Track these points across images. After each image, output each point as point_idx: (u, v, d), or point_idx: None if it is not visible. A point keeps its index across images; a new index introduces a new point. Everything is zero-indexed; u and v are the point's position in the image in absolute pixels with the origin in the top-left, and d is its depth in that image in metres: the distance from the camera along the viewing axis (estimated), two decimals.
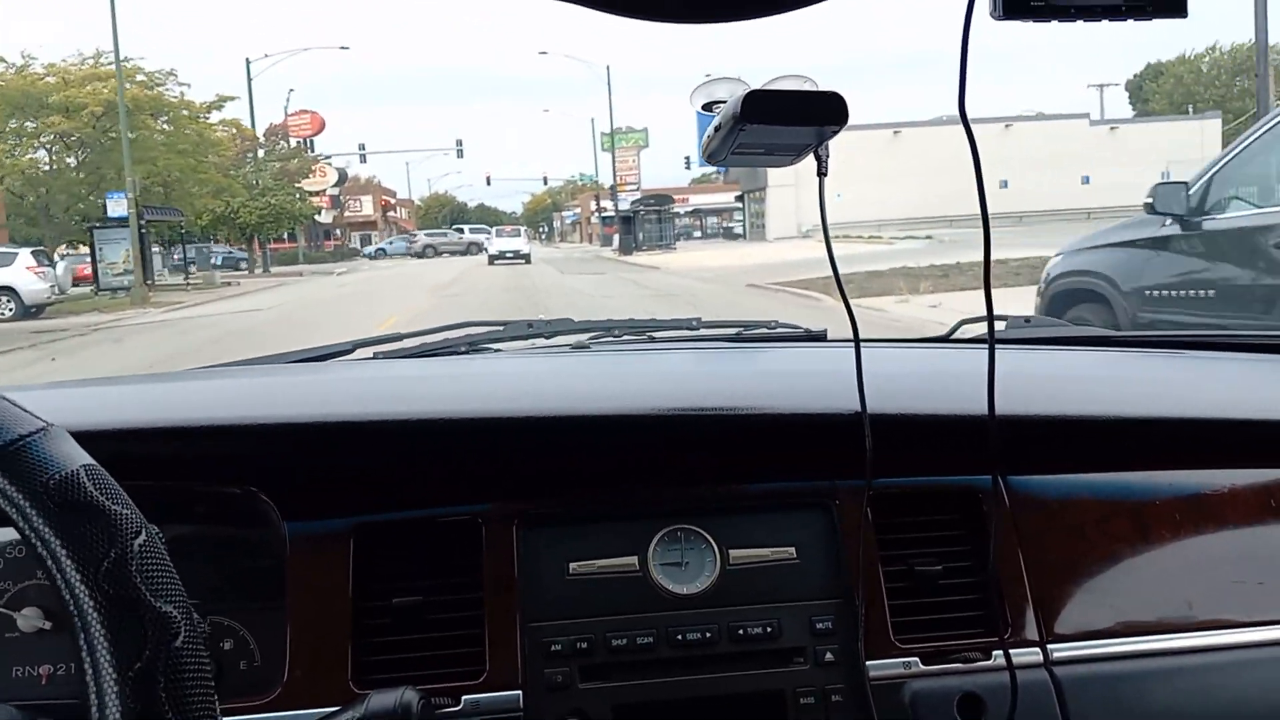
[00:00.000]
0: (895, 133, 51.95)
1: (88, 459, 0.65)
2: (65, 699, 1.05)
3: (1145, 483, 1.17)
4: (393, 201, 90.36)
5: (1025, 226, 40.44)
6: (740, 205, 64.52)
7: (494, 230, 51.90)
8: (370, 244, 76.34)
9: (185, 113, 31.33)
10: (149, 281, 25.65)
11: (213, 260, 40.40)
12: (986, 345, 0.95)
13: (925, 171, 58.16)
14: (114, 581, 0.64)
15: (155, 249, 31.01)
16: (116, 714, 0.62)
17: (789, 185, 54.06)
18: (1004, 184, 52.52)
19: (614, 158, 62.80)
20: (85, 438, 0.68)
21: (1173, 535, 1.13)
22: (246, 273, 43.31)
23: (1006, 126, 52.05)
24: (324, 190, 68.03)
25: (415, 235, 66.10)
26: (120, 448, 0.99)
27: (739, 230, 59.65)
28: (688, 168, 68.88)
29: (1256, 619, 1.09)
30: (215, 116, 33.69)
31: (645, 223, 44.55)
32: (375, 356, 1.60)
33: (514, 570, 1.04)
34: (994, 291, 0.87)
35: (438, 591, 1.04)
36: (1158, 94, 64.44)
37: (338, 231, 69.39)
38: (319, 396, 1.29)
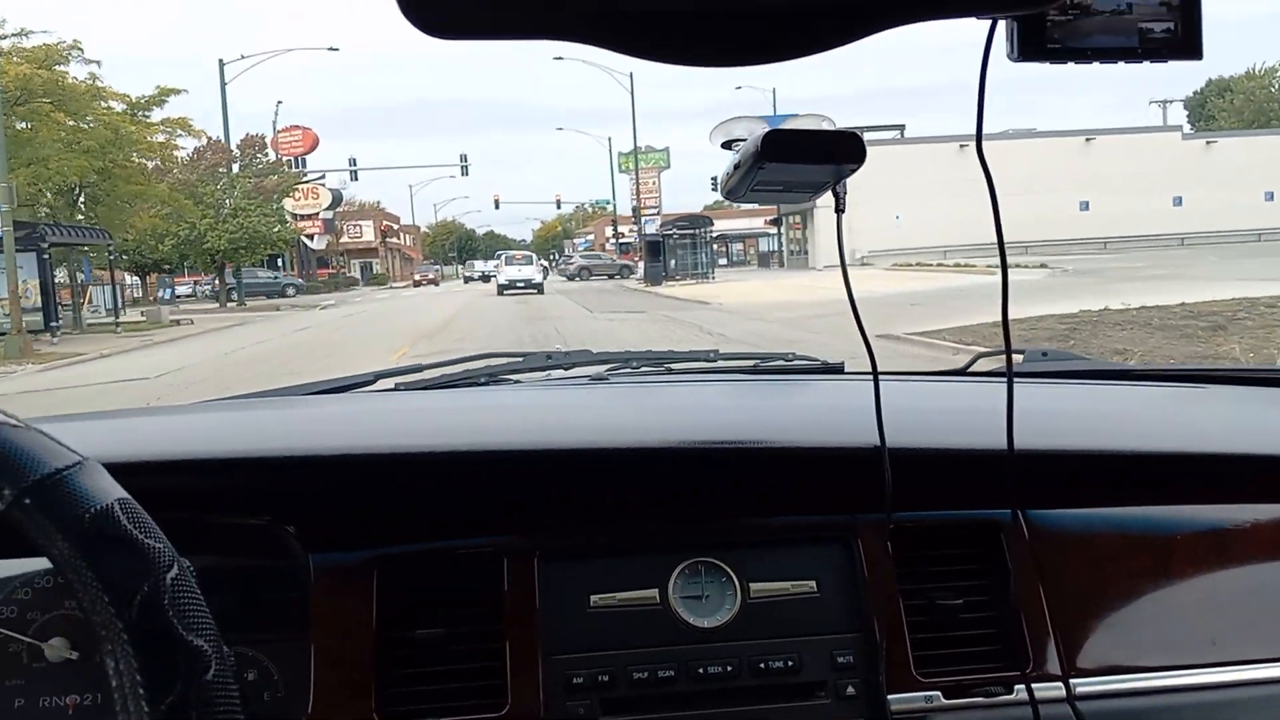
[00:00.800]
0: (962, 147, 43.36)
1: (122, 492, 0.69)
2: None
3: (1166, 517, 1.20)
4: (395, 227, 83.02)
5: (1112, 253, 31.87)
6: (774, 230, 56.04)
7: (502, 256, 48.42)
8: (371, 271, 74.23)
9: (104, 104, 22.85)
10: (53, 324, 21.96)
11: (162, 293, 32.43)
12: (1005, 378, 0.99)
13: (1000, 189, 47.55)
14: (147, 615, 0.66)
15: (102, 279, 28.51)
16: None
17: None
18: (1084, 206, 43.79)
19: (636, 173, 55.65)
20: (111, 470, 0.72)
21: (1194, 570, 1.16)
22: (217, 305, 39.32)
23: (1087, 140, 43.39)
24: (316, 213, 59.46)
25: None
26: (144, 480, 1.01)
27: (771, 256, 55.25)
28: (714, 189, 60.87)
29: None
30: (160, 116, 29.96)
31: (677, 248, 41.43)
32: (396, 388, 1.63)
33: (535, 602, 1.09)
34: None
35: (460, 623, 1.08)
36: (1225, 111, 62.40)
37: (333, 259, 61.74)
38: (342, 429, 1.33)
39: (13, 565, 1.13)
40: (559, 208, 67.59)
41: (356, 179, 59.64)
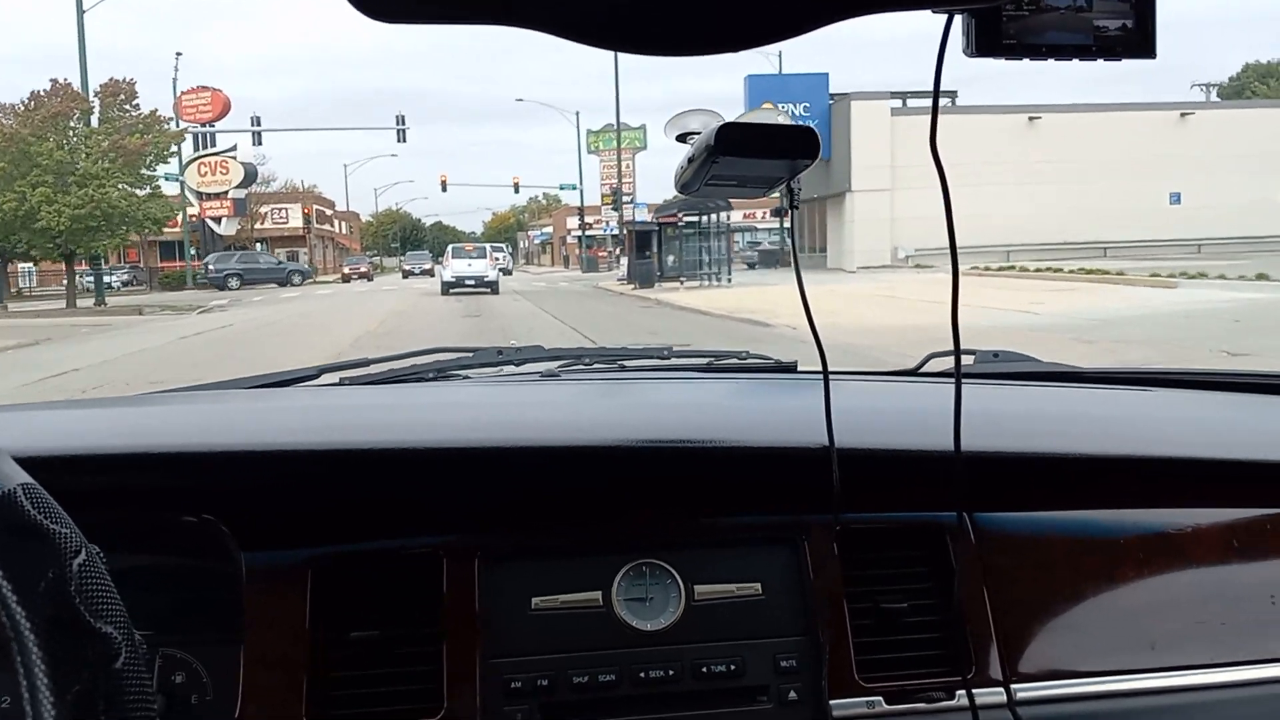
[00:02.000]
0: (1031, 119, 31.66)
1: (25, 477, 0.69)
2: None
3: (1111, 521, 1.26)
4: (329, 213, 70.92)
5: (1215, 256, 21.60)
6: (775, 223, 44.65)
7: (449, 249, 39.76)
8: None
9: None
10: None
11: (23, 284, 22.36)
12: (954, 379, 1.04)
13: (1073, 174, 35.13)
14: (52, 602, 0.66)
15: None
16: None
17: (883, 189, 32.13)
18: (1175, 198, 31.70)
19: (619, 142, 44.59)
20: (35, 464, 0.72)
21: (1138, 574, 1.23)
22: (65, 306, 30.35)
23: (1183, 116, 32.01)
24: (225, 192, 46.40)
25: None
26: (72, 475, 1.10)
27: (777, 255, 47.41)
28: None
29: (1221, 660, 1.19)
30: None
31: (676, 240, 33.65)
32: (341, 382, 1.67)
33: (475, 604, 1.15)
34: None
35: (397, 625, 1.14)
36: (1268, 96, 57.90)
37: (246, 247, 50.75)
38: (280, 424, 1.38)
39: None
40: (516, 192, 57.43)
41: (260, 142, 48.38)
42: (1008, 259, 33.11)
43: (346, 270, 60.17)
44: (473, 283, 33.21)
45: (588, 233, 64.11)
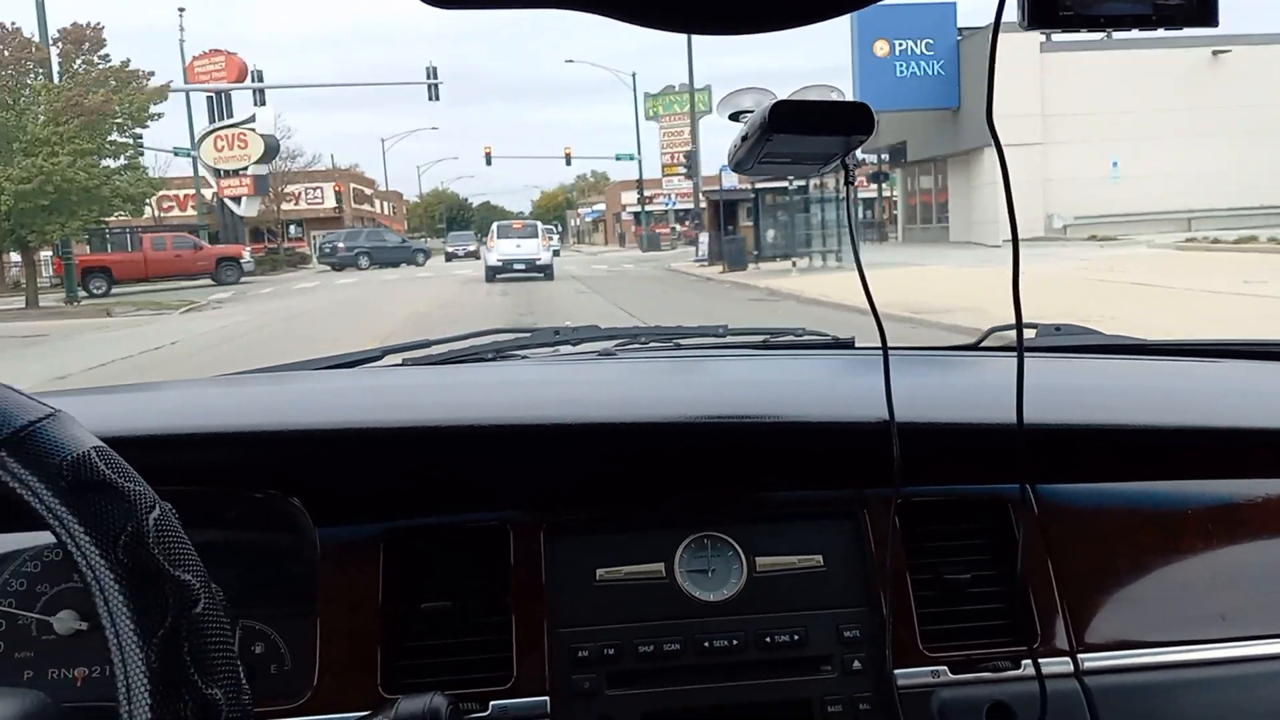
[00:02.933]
0: (1216, 54, 21.69)
1: (96, 440, 0.77)
2: (100, 700, 1.17)
3: (1176, 492, 1.31)
4: (368, 193, 64.21)
5: None
6: (873, 190, 36.89)
7: (494, 227, 33.23)
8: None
9: None
10: None
11: None
12: (1016, 353, 1.10)
13: (1272, 122, 24.71)
14: (132, 554, 0.72)
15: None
16: (143, 679, 0.70)
17: (1031, 144, 21.41)
18: None
19: (693, 101, 37.05)
20: (118, 444, 0.80)
21: (1204, 545, 1.27)
22: (25, 305, 25.01)
23: None
24: (245, 168, 48.71)
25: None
26: (153, 454, 1.13)
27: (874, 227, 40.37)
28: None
29: None
30: None
31: (776, 211, 26.50)
32: (404, 363, 1.77)
33: (542, 577, 1.24)
34: None
35: (466, 597, 1.23)
36: None
37: (270, 230, 43.84)
38: (350, 403, 1.48)
39: (22, 539, 1.25)
40: (568, 164, 50.91)
41: (263, 103, 41.64)
42: (1189, 227, 25.85)
43: None
44: (523, 267, 29.87)
45: (647, 208, 57.35)
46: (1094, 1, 0.84)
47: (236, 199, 50.48)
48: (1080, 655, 1.19)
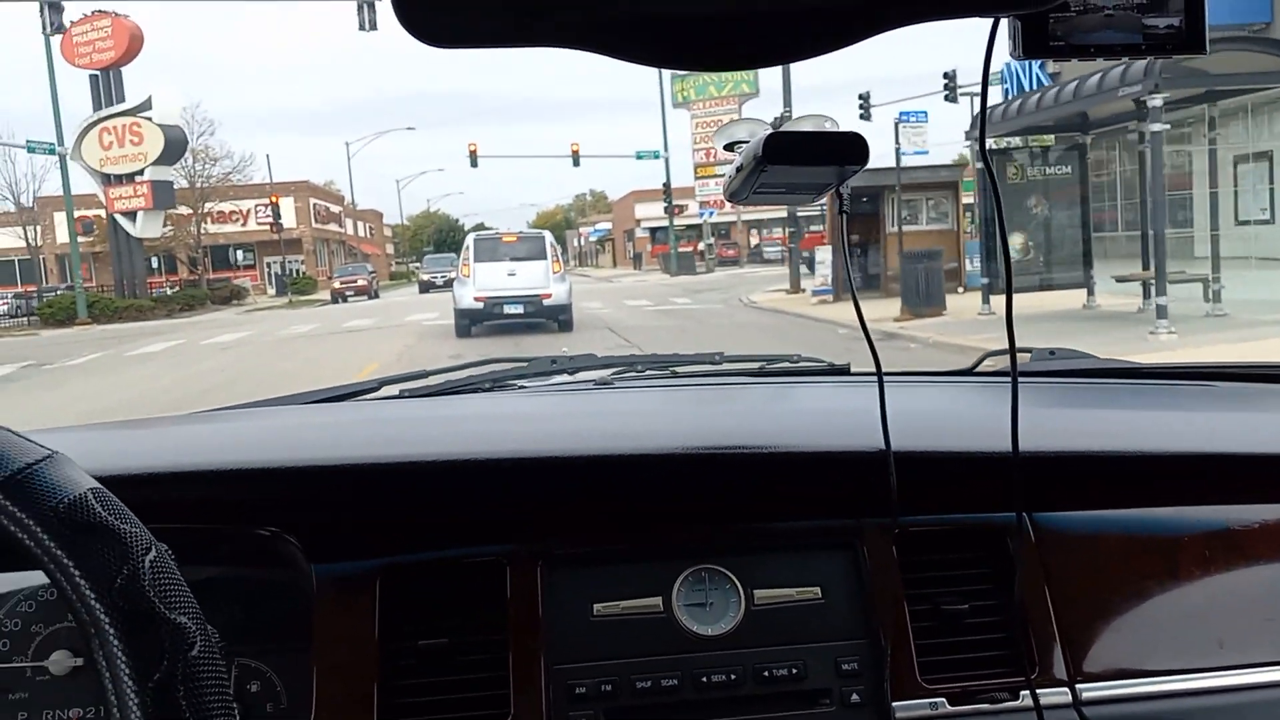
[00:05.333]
0: None
1: (93, 482, 0.78)
2: None
3: (1173, 518, 1.28)
4: (334, 209, 49.86)
5: None
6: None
7: (469, 242, 19.33)
8: (289, 274, 46.54)
9: None
10: None
11: None
12: (1010, 378, 1.11)
13: None
14: (128, 597, 0.72)
15: None
16: None
17: None
18: None
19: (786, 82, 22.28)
20: (112, 482, 0.80)
21: (1202, 572, 1.25)
22: None
23: None
24: (139, 170, 38.01)
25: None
26: (147, 491, 1.15)
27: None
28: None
29: None
30: None
31: (1025, 193, 14.05)
32: (401, 394, 1.73)
33: (538, 611, 1.21)
34: None
35: (463, 633, 1.21)
36: None
37: (196, 256, 30.31)
38: (345, 438, 1.46)
39: (16, 579, 1.24)
40: (576, 164, 37.81)
41: (191, 119, 29.52)
42: None
43: (337, 284, 42.97)
44: (519, 310, 17.94)
45: (675, 221, 44.50)
46: (1084, 31, 0.85)
47: (130, 215, 35.57)
48: (1079, 685, 1.17)
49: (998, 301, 14.06)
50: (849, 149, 0.99)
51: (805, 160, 1.00)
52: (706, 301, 25.38)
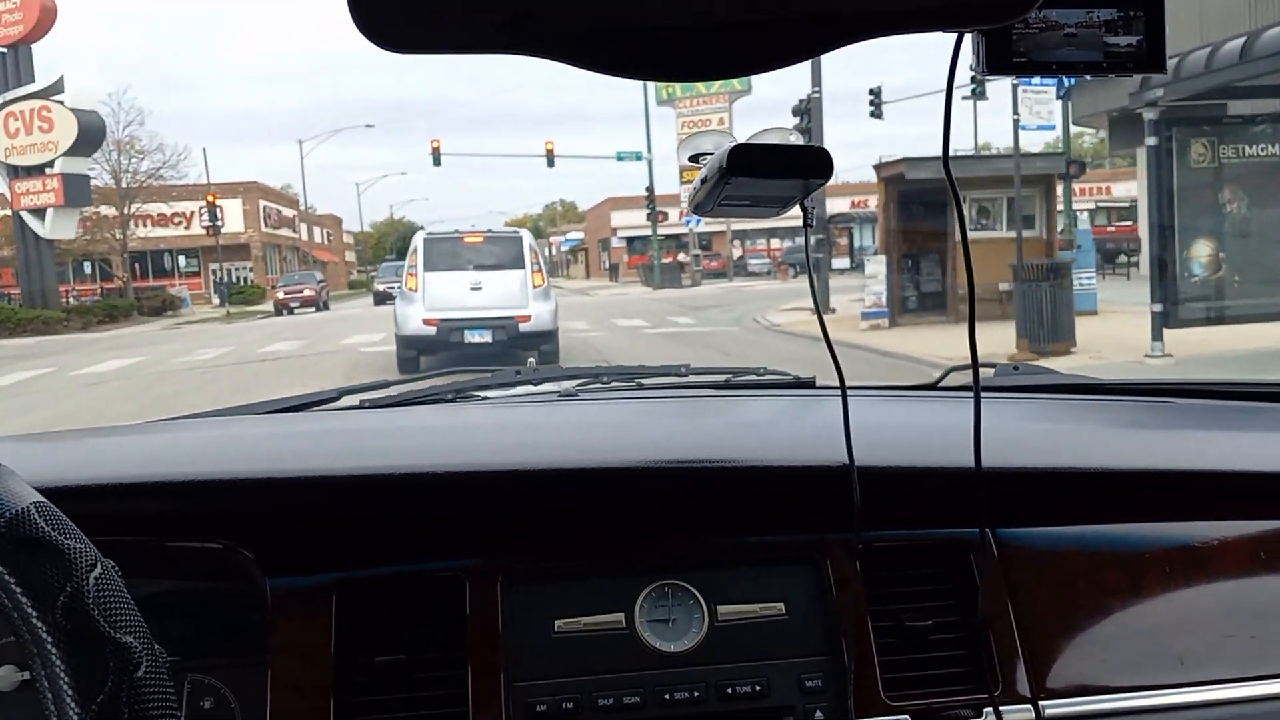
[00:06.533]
0: None
1: (37, 496, 0.75)
2: None
3: (1135, 535, 1.28)
4: (287, 214, 44.04)
5: None
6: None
7: (417, 243, 13.45)
8: (235, 281, 43.10)
9: None
10: None
11: None
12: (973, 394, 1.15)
13: None
14: (71, 616, 0.69)
15: None
16: None
17: None
18: None
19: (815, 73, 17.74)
20: (55, 494, 0.81)
21: (1164, 588, 1.26)
22: None
23: None
24: (49, 162, 31.90)
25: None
26: (98, 504, 1.14)
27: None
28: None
29: (1250, 674, 1.22)
30: None
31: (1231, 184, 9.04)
32: (361, 404, 1.69)
33: (498, 627, 1.20)
34: None
35: (421, 649, 1.20)
36: None
37: (105, 263, 25.04)
38: (301, 449, 1.43)
39: None
40: (550, 165, 33.01)
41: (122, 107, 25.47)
42: None
43: (282, 294, 37.89)
44: (487, 335, 12.75)
45: (659, 229, 40.32)
46: (1047, 48, 0.86)
47: (39, 213, 29.94)
48: (1041, 702, 1.17)
49: (1174, 338, 9.64)
50: (813, 163, 0.98)
51: (769, 173, 0.99)
52: (714, 322, 20.99)
